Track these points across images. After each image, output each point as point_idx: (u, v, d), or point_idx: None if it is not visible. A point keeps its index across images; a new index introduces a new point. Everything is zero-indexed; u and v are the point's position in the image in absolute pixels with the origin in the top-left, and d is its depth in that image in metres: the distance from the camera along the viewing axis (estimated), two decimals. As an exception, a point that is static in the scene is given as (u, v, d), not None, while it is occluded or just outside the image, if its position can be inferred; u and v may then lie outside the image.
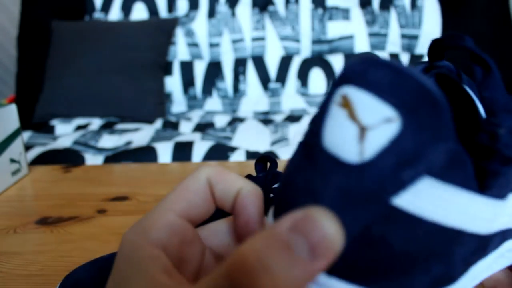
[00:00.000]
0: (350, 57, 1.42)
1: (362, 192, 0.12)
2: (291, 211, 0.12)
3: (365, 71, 0.12)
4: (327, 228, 0.11)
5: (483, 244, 0.14)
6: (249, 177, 0.31)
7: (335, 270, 0.12)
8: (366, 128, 0.12)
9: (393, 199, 0.12)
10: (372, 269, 0.12)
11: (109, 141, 1.12)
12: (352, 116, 0.12)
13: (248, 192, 0.18)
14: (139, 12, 1.52)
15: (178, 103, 1.45)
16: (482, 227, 0.13)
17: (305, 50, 1.46)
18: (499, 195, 0.13)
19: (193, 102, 1.46)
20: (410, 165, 0.12)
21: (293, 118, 1.27)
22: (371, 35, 1.44)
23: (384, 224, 0.12)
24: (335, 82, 0.13)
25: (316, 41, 1.45)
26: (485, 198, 0.13)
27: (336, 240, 0.11)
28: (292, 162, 0.14)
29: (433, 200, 0.12)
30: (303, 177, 0.13)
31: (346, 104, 0.12)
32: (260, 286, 0.11)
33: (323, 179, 0.12)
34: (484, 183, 0.13)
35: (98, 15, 1.53)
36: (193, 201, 0.18)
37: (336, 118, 0.12)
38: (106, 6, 1.52)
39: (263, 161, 0.32)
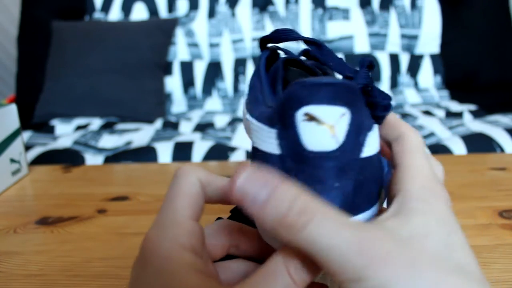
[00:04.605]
0: (351, 58, 1.42)
1: (347, 161, 0.19)
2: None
3: (314, 93, 0.18)
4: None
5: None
6: None
7: (350, 207, 0.19)
8: (333, 125, 0.18)
9: (361, 155, 0.19)
10: (366, 196, 0.20)
11: (109, 141, 1.12)
12: (320, 123, 0.18)
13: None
14: (139, 12, 1.52)
15: (178, 103, 1.45)
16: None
17: (305, 50, 1.46)
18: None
19: (193, 102, 1.46)
20: (361, 132, 0.19)
21: (293, 118, 1.27)
22: (371, 35, 1.44)
23: (363, 172, 0.19)
24: (288, 108, 0.18)
25: (316, 41, 1.45)
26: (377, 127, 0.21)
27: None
28: (279, 169, 0.20)
29: (372, 143, 0.20)
30: (304, 175, 0.19)
31: (311, 118, 0.18)
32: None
33: (321, 168, 0.18)
34: (377, 121, 0.21)
35: (98, 15, 1.53)
36: (197, 204, 0.21)
37: (309, 129, 0.18)
38: (106, 6, 1.52)
39: None
